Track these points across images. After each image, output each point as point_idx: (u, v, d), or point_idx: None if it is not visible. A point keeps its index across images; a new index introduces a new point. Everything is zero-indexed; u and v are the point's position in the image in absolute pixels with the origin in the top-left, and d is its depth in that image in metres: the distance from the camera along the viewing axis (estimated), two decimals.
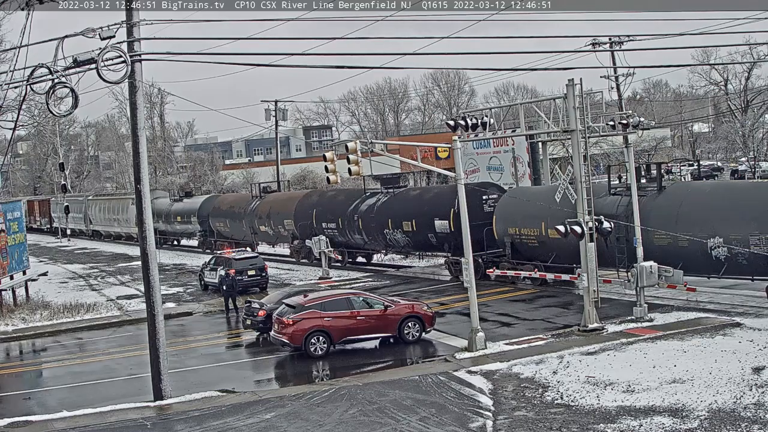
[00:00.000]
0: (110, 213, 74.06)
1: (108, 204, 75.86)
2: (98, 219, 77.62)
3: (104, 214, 75.63)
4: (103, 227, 77.11)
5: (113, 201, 74.80)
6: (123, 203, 70.44)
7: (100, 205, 77.52)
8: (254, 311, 27.56)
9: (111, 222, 74.32)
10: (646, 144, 72.85)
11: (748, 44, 55.27)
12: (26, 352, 29.85)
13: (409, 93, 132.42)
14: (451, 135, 24.60)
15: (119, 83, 19.69)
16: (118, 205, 72.46)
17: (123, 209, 70.00)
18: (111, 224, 74.51)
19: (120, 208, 71.25)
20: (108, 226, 75.56)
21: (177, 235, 65.58)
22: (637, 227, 26.46)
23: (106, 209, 75.45)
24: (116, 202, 73.45)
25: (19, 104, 29.44)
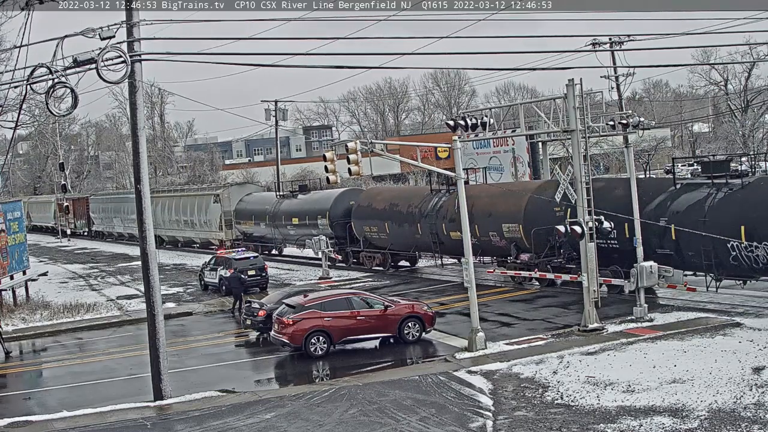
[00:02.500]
0: (179, 213, 61.62)
1: (176, 202, 62.25)
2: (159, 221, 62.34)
3: (169, 214, 62.81)
4: (168, 231, 63.21)
5: (185, 198, 61.88)
6: (200, 201, 58.45)
7: (163, 204, 63.72)
8: (254, 311, 27.56)
9: (180, 225, 61.62)
10: (646, 144, 72.87)
11: (748, 44, 55.30)
12: (26, 352, 29.84)
13: (409, 93, 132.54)
14: (451, 135, 24.61)
15: (119, 83, 19.71)
16: (191, 204, 59.89)
17: (200, 208, 58.21)
18: (181, 228, 61.73)
19: (195, 207, 59.12)
20: (176, 229, 62.67)
21: (292, 242, 49.06)
22: (637, 227, 26.45)
23: (173, 209, 62.48)
24: (190, 200, 60.66)
25: (19, 104, 29.49)
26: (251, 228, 52.33)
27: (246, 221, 53.13)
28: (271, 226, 49.66)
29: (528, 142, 53.25)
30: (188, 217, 60.05)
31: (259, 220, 51.10)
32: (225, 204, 54.78)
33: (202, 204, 57.90)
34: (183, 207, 60.79)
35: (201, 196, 58.88)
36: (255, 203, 52.77)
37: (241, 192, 55.40)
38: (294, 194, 49.23)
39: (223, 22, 32.32)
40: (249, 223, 52.76)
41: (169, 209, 62.87)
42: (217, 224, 55.53)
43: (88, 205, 79.57)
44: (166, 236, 62.98)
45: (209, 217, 56.88)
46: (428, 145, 54.41)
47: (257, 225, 51.36)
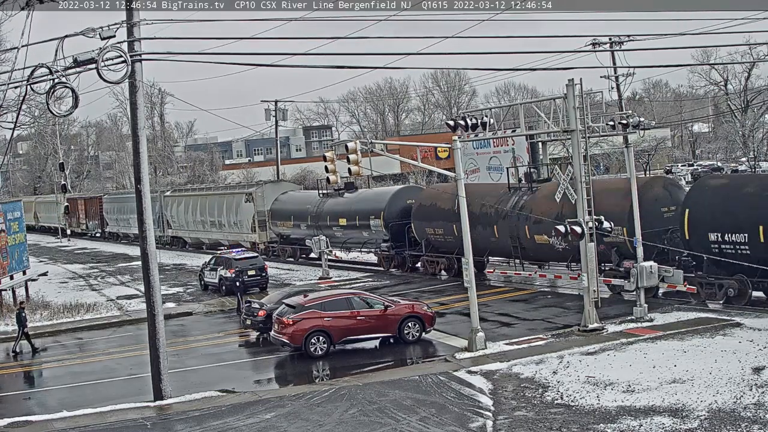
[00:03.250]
0: (204, 214, 57.16)
1: (202, 202, 58.11)
2: (183, 222, 60.38)
3: (193, 214, 58.62)
4: (192, 233, 59.14)
5: (212, 197, 57.02)
6: (230, 200, 54.03)
7: (187, 203, 59.84)
8: (254, 311, 27.56)
9: (206, 226, 57.16)
10: (646, 144, 72.95)
11: (748, 44, 55.30)
12: (26, 352, 29.83)
13: (409, 93, 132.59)
14: (451, 135, 24.62)
15: (119, 83, 19.71)
16: (219, 203, 55.30)
17: (230, 208, 53.75)
18: (206, 229, 57.11)
19: (224, 207, 54.53)
20: (200, 231, 58.01)
21: (338, 245, 44.79)
22: (637, 227, 26.45)
23: (198, 209, 58.14)
24: (217, 199, 55.96)
25: (19, 104, 29.47)
26: (289, 229, 48.63)
27: (283, 222, 48.92)
28: (313, 228, 44.99)
29: (528, 142, 53.14)
30: (215, 218, 55.57)
31: (299, 220, 46.82)
32: (258, 203, 50.61)
33: (231, 203, 53.49)
34: (210, 207, 56.35)
35: (231, 195, 54.38)
36: (294, 202, 48.59)
37: (276, 190, 51.04)
38: (340, 192, 44.11)
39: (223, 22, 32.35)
40: (287, 224, 48.45)
41: (193, 209, 58.64)
42: (250, 225, 51.41)
43: (101, 205, 75.18)
44: (189, 238, 60.01)
45: (240, 218, 52.35)
46: (428, 145, 54.48)
47: (297, 226, 47.19)
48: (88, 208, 78.56)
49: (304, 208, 46.67)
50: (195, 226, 58.61)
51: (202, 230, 57.73)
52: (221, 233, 55.18)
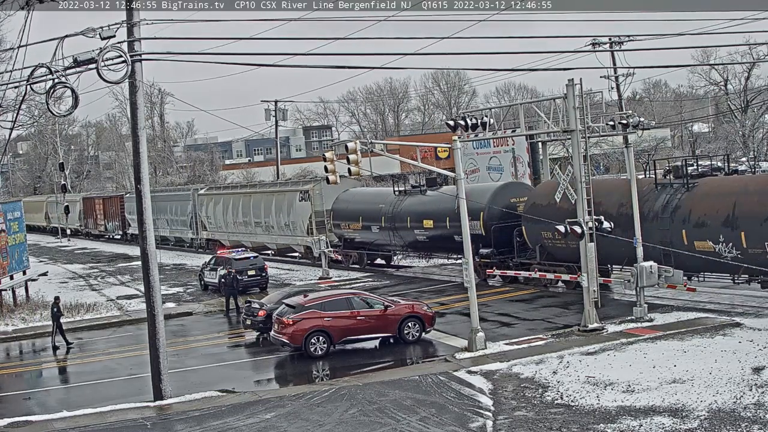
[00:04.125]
0: (248, 214, 51.68)
1: (245, 201, 52.16)
2: (221, 223, 54.96)
3: (234, 215, 53.34)
4: (233, 236, 53.51)
5: (258, 196, 51.41)
6: (280, 199, 48.46)
7: (226, 203, 54.26)
8: (254, 311, 27.56)
9: (250, 228, 51.63)
10: (646, 144, 72.90)
11: (748, 44, 55.30)
12: (26, 352, 29.85)
13: (409, 93, 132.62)
14: (451, 135, 24.62)
15: (119, 83, 19.73)
16: (267, 202, 49.64)
17: (279, 208, 48.18)
18: (250, 231, 51.58)
19: (272, 207, 48.87)
20: (242, 233, 52.37)
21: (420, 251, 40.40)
22: (637, 227, 26.45)
23: (240, 208, 52.53)
24: (265, 198, 50.34)
25: (18, 104, 29.45)
26: (356, 232, 42.76)
27: (349, 223, 42.82)
28: (389, 231, 39.66)
29: (528, 142, 53.21)
30: (261, 219, 49.93)
31: (370, 222, 41.04)
32: (316, 202, 44.91)
33: (282, 203, 47.88)
34: (254, 206, 50.85)
35: (281, 193, 48.66)
36: (362, 201, 42.69)
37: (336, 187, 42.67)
38: (421, 190, 38.73)
39: (223, 22, 32.35)
40: (354, 225, 42.48)
41: (233, 209, 53.21)
42: (305, 227, 45.67)
43: (122, 205, 69.61)
44: (228, 241, 53.49)
45: (293, 219, 46.66)
46: (428, 145, 54.43)
47: (366, 229, 41.34)
48: (107, 208, 73.08)
49: (376, 207, 40.71)
50: (236, 228, 53.10)
51: (245, 232, 52.09)
52: (268, 236, 49.88)
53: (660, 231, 27.47)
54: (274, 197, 49.20)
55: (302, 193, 46.05)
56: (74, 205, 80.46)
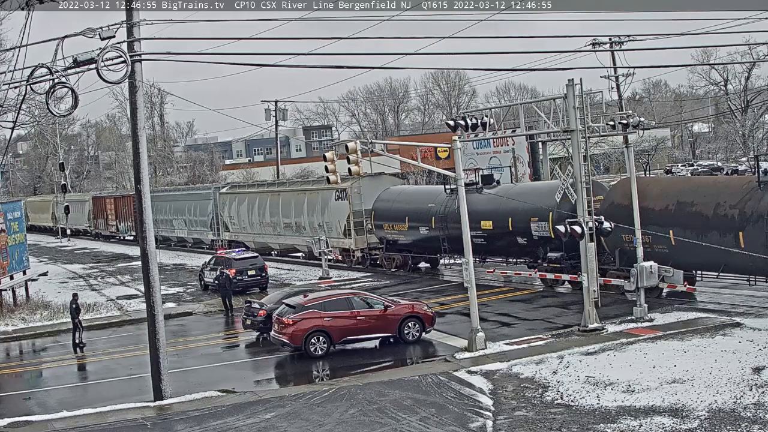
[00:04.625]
0: (276, 214, 48.40)
1: (274, 200, 49.00)
2: (246, 223, 51.76)
3: (261, 215, 49.95)
4: (259, 237, 50.29)
5: (288, 194, 47.91)
6: (313, 197, 45.25)
7: (252, 202, 51.13)
8: (254, 311, 27.56)
9: (278, 229, 48.19)
10: (646, 144, 72.96)
11: (748, 44, 55.26)
12: (26, 352, 29.86)
13: (410, 93, 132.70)
14: (451, 135, 24.62)
15: (119, 83, 19.72)
16: (299, 201, 46.37)
17: (313, 207, 45.11)
18: (279, 232, 48.14)
19: (305, 207, 45.70)
20: (270, 234, 49.15)
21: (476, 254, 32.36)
22: (637, 227, 26.45)
23: (267, 208, 49.24)
24: (296, 197, 46.86)
25: (18, 104, 29.45)
26: (400, 233, 39.47)
27: (393, 224, 39.41)
28: (440, 232, 36.49)
29: (528, 142, 53.29)
30: (291, 220, 46.88)
31: (417, 223, 37.76)
32: (355, 201, 41.84)
33: (316, 202, 44.85)
34: (284, 206, 47.66)
35: (315, 192, 45.19)
36: (408, 200, 39.37)
37: (377, 186, 41.85)
38: (477, 188, 35.04)
39: (223, 22, 32.35)
40: (398, 226, 39.14)
41: (260, 209, 50.05)
42: (342, 228, 42.87)
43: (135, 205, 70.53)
44: (253, 243, 50.43)
45: (329, 219, 43.68)
46: (428, 145, 54.33)
47: (413, 230, 37.95)
48: (119, 208, 69.39)
49: (425, 207, 37.47)
50: (262, 229, 49.57)
51: (272, 234, 48.73)
52: (300, 238, 46.26)
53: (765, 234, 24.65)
54: (306, 196, 45.85)
55: (339, 192, 42.68)
56: (83, 205, 78.58)
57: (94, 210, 75.80)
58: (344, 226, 42.61)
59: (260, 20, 24.34)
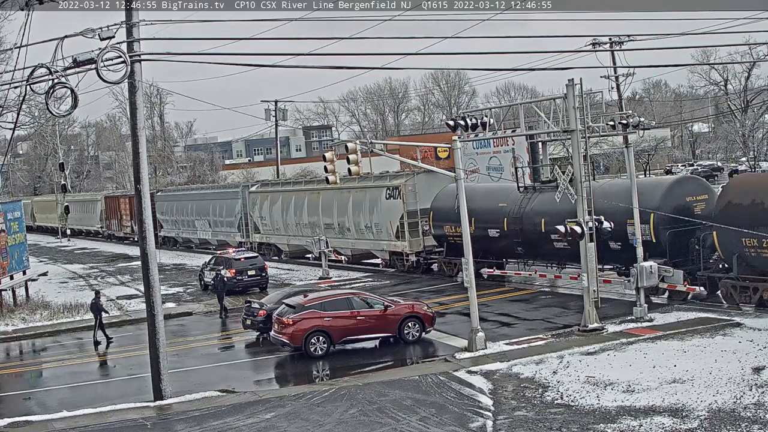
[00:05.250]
0: (315, 214, 44.80)
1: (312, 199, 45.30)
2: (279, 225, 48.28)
3: (298, 215, 46.35)
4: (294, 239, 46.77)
5: (330, 193, 43.35)
6: (359, 196, 41.77)
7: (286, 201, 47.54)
8: (254, 311, 27.56)
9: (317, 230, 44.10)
10: (646, 144, 72.99)
11: (748, 44, 55.27)
12: (26, 352, 29.86)
13: (409, 93, 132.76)
14: (451, 135, 24.63)
15: (119, 83, 19.72)
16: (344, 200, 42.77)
17: (358, 206, 41.73)
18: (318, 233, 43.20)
19: (349, 206, 42.30)
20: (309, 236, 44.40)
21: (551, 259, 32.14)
22: (637, 227, 26.44)
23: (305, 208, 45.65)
24: (339, 196, 43.06)
25: (19, 104, 29.48)
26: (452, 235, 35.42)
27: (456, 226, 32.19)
28: (512, 235, 32.93)
29: (528, 142, 53.20)
30: (334, 220, 43.51)
31: (486, 224, 33.37)
32: (409, 200, 38.38)
33: (363, 201, 41.28)
34: (324, 205, 44.28)
35: (361, 190, 41.55)
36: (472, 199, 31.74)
37: (433, 183, 37.84)
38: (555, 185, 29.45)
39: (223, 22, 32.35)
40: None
41: (296, 209, 46.65)
42: (393, 230, 39.20)
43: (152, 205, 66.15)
44: (287, 245, 48.09)
45: (378, 220, 40.12)
46: (428, 145, 54.37)
47: (482, 232, 33.28)
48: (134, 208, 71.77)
49: (495, 206, 33.38)
50: (298, 231, 46.29)
51: (310, 235, 44.42)
52: (344, 240, 43.21)
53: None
54: (351, 194, 42.21)
55: (390, 190, 39.57)
56: (94, 205, 76.14)
57: (106, 210, 73.18)
58: (396, 227, 39.13)
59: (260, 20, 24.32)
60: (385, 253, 40.63)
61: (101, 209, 74.77)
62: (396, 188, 39.25)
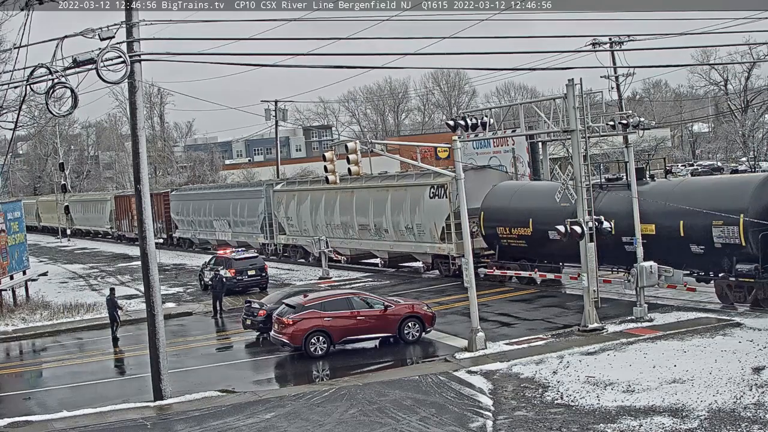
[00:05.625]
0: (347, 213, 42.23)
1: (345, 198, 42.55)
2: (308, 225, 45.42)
3: (329, 215, 43.67)
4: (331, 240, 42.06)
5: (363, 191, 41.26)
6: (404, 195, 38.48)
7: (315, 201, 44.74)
8: (254, 311, 27.56)
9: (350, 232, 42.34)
10: (646, 144, 72.99)
11: (748, 44, 55.29)
12: (26, 352, 29.86)
13: (409, 93, 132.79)
14: (451, 135, 24.63)
15: (119, 83, 19.72)
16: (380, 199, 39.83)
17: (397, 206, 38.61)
18: (350, 235, 42.40)
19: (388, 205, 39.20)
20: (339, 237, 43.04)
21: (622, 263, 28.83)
22: (637, 227, 26.44)
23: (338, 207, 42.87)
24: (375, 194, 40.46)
25: (19, 104, 29.47)
26: (521, 238, 32.57)
27: (511, 228, 32.17)
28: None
29: (528, 142, 53.22)
30: (370, 221, 40.61)
31: (546, 225, 29.65)
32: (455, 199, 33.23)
33: (403, 200, 38.23)
34: (359, 205, 41.39)
35: (402, 189, 38.69)
36: (530, 198, 32.26)
37: (483, 181, 34.87)
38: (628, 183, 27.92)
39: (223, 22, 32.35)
40: (519, 230, 32.16)
41: (327, 209, 43.90)
42: (438, 231, 36.05)
43: (167, 204, 60.88)
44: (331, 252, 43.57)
45: (421, 220, 37.11)
46: (428, 145, 54.38)
47: (541, 234, 30.83)
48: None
49: (557, 206, 28.40)
50: (329, 232, 43.50)
51: (342, 237, 42.89)
52: (380, 242, 40.33)
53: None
54: (390, 194, 39.22)
55: (435, 188, 36.37)
56: (103, 205, 73.60)
57: (116, 210, 70.57)
58: (442, 228, 35.78)
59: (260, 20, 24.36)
60: (427, 256, 37.97)
61: (111, 209, 72.15)
62: (442, 186, 35.78)
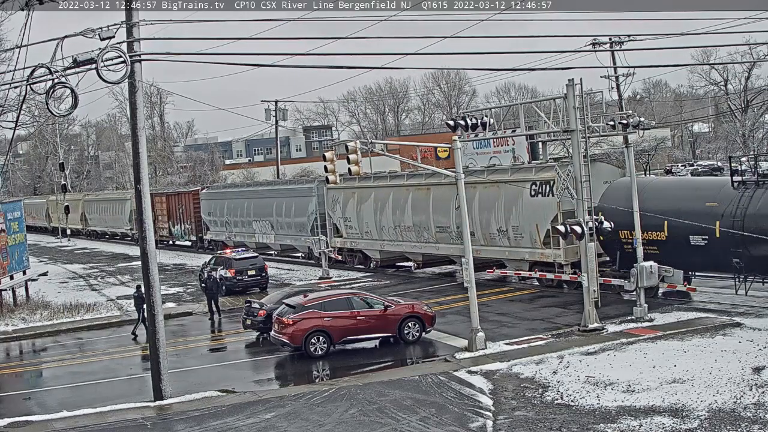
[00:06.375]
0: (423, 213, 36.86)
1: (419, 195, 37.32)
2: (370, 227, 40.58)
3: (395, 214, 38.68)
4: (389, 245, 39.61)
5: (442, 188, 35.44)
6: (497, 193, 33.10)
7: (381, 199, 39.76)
8: (254, 311, 27.56)
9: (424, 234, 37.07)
10: (646, 144, 72.89)
11: (748, 44, 55.27)
12: (26, 352, 29.86)
13: (409, 93, 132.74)
14: (451, 135, 24.64)
15: (119, 83, 19.72)
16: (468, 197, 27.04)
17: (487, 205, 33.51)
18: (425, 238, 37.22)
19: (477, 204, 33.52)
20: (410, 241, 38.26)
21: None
22: (637, 227, 26.43)
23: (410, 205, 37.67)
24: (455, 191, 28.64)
25: (19, 104, 29.50)
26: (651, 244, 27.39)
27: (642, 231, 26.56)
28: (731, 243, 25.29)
29: (528, 142, 53.30)
30: (450, 221, 35.18)
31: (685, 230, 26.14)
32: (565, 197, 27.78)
33: (496, 198, 33.11)
34: (436, 204, 36.23)
35: (493, 185, 33.21)
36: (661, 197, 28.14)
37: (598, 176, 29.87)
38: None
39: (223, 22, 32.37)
40: (652, 233, 27.36)
41: (394, 208, 38.79)
42: (541, 235, 31.37)
43: (196, 204, 56.40)
44: (378, 252, 40.89)
45: (519, 222, 32.11)
46: (428, 145, 54.36)
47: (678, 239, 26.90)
48: (172, 208, 59.31)
49: (699, 207, 26.15)
50: (397, 234, 38.70)
51: (413, 240, 37.91)
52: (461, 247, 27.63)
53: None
54: (477, 191, 33.47)
55: (538, 185, 31.32)
56: (122, 205, 68.92)
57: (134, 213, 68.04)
58: (546, 231, 30.80)
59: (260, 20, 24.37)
60: (525, 263, 32.69)
61: (131, 209, 64.67)
62: (546, 183, 30.80)
